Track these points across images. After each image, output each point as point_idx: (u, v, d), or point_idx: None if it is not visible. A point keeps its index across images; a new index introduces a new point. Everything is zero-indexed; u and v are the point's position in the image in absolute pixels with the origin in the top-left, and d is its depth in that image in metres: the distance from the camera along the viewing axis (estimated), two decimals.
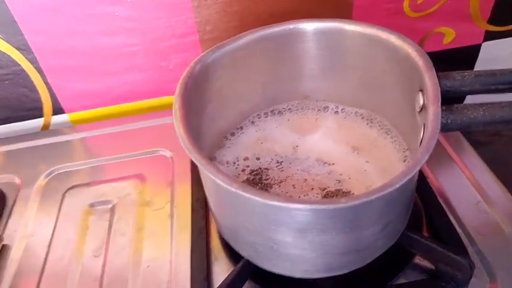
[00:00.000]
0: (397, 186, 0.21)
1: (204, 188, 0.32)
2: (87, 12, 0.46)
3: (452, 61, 0.58)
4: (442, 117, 0.25)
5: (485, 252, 0.35)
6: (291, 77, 0.39)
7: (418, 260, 0.35)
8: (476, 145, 0.65)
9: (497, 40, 0.57)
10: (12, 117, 0.54)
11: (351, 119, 0.39)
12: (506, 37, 0.57)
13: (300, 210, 0.23)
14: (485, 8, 0.53)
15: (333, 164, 0.35)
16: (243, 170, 0.36)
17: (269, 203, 0.22)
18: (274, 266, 0.30)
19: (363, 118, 0.39)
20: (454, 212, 0.38)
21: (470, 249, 0.35)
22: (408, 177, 0.22)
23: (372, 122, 0.38)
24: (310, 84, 0.40)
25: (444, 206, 0.38)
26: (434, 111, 0.25)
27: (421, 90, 0.28)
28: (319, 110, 0.41)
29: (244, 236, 0.30)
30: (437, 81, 0.27)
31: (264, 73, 0.38)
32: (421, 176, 0.40)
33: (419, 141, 0.27)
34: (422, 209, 0.38)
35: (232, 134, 0.39)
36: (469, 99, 0.31)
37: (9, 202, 0.45)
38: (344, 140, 0.37)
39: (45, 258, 0.39)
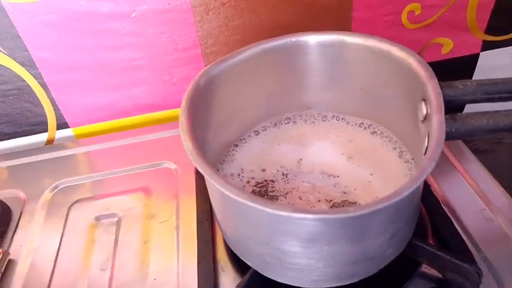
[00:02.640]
0: (405, 194, 0.22)
1: (211, 199, 0.33)
2: (91, 28, 0.47)
3: (450, 71, 0.59)
4: (446, 125, 0.25)
5: (492, 259, 0.35)
6: (294, 89, 0.39)
7: (425, 268, 0.35)
8: (478, 153, 0.65)
9: (495, 50, 0.58)
10: (17, 132, 0.55)
11: (354, 129, 0.39)
12: (504, 46, 0.58)
13: (309, 220, 0.23)
14: (482, 18, 0.54)
15: (338, 176, 0.35)
16: (248, 182, 0.36)
17: (277, 213, 0.22)
18: (283, 276, 0.30)
19: (365, 128, 0.39)
20: (459, 220, 0.38)
21: (477, 257, 0.35)
22: (415, 185, 0.22)
23: (375, 133, 0.39)
24: (313, 95, 0.40)
25: (449, 214, 0.38)
26: (438, 120, 0.25)
27: (424, 100, 0.29)
28: (323, 120, 0.41)
29: (252, 247, 0.30)
30: (440, 90, 0.27)
31: (268, 85, 0.39)
32: (425, 185, 0.41)
33: (424, 150, 0.27)
34: (427, 218, 0.38)
35: (236, 146, 0.40)
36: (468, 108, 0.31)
37: (15, 217, 0.45)
38: (347, 151, 0.38)
39: (52, 273, 0.39)
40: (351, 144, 0.38)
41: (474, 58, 0.58)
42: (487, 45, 0.57)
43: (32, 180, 0.49)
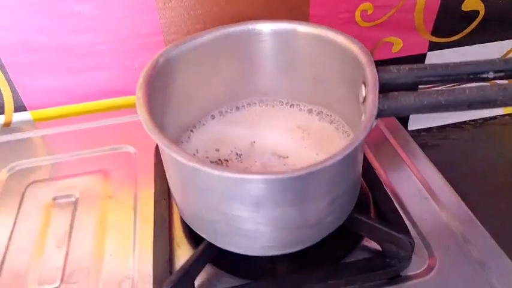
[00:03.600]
0: (339, 158, 0.24)
1: (166, 172, 0.34)
2: (53, 10, 0.47)
3: None
4: (378, 103, 0.28)
5: (425, 233, 0.38)
6: (251, 75, 0.42)
7: (366, 242, 0.38)
8: (425, 147, 0.70)
9: (441, 50, 0.63)
10: None
11: (304, 115, 0.42)
12: (449, 48, 0.63)
13: (252, 182, 0.25)
14: (428, 20, 0.59)
15: (287, 156, 0.38)
16: None
17: (223, 175, 0.24)
18: (232, 244, 0.32)
19: (315, 114, 0.42)
20: (398, 199, 0.42)
21: (412, 231, 0.38)
22: (348, 151, 0.25)
23: (323, 118, 0.41)
24: (269, 82, 0.43)
25: (389, 193, 0.42)
26: (372, 98, 0.28)
27: (364, 83, 0.32)
28: (278, 105, 0.43)
29: (204, 216, 0.32)
30: (376, 73, 0.30)
31: (225, 70, 0.40)
32: (369, 167, 0.44)
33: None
34: (370, 196, 0.41)
35: (194, 127, 0.41)
36: None
37: None
38: (297, 134, 0.40)
39: (6, 251, 0.39)
40: (300, 129, 0.41)
41: (422, 57, 0.63)
42: (434, 46, 0.62)
43: None
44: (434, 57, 0.63)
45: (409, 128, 0.70)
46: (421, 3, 0.57)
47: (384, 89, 0.30)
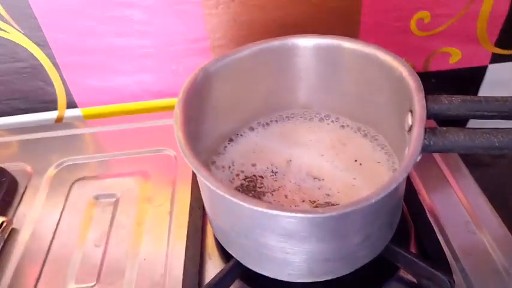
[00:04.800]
0: (373, 201, 0.23)
1: (200, 189, 0.34)
2: (105, 15, 0.49)
3: (458, 81, 0.59)
4: (425, 138, 0.26)
5: (469, 270, 0.36)
6: (291, 88, 0.41)
7: (403, 273, 0.36)
8: (479, 166, 0.65)
9: (504, 63, 0.58)
10: (28, 109, 0.57)
11: (347, 132, 0.40)
12: None
13: (281, 217, 0.25)
14: (492, 30, 0.54)
15: (323, 179, 0.36)
16: (238, 175, 0.38)
17: (254, 208, 0.24)
18: (261, 267, 0.32)
19: (359, 132, 0.40)
20: (442, 230, 0.39)
21: (453, 267, 0.36)
22: (383, 194, 0.23)
23: (367, 137, 0.40)
24: (310, 96, 0.41)
25: (433, 223, 0.39)
26: (418, 131, 0.26)
27: (411, 111, 0.30)
28: (319, 121, 0.42)
29: (234, 238, 0.32)
30: (425, 103, 0.28)
31: (266, 83, 0.40)
32: (413, 193, 0.41)
33: None
34: (412, 226, 0.39)
35: (231, 140, 0.41)
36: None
37: (21, 189, 0.47)
38: (339, 154, 0.39)
39: (50, 244, 0.42)
40: (339, 147, 0.39)
41: (482, 70, 0.58)
42: (496, 58, 0.57)
43: (39, 156, 0.51)
44: (497, 70, 0.58)
45: None
46: (486, 11, 0.52)
47: (434, 118, 0.28)
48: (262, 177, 0.38)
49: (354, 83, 0.38)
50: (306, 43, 0.36)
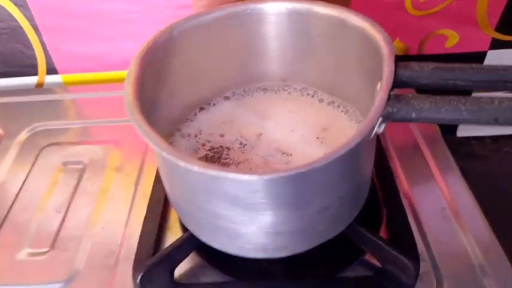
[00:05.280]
0: (318, 165, 0.21)
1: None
2: None
3: None
4: (388, 105, 0.24)
5: (438, 258, 0.33)
6: (266, 58, 0.38)
7: (369, 257, 0.34)
8: (471, 157, 0.62)
9: (504, 49, 0.54)
10: (8, 72, 0.56)
11: (323, 107, 0.38)
12: None
13: (222, 180, 0.23)
14: (493, 13, 0.51)
15: (291, 154, 0.34)
16: (203, 145, 0.36)
17: (202, 171, 0.22)
18: (214, 240, 0.30)
19: (335, 107, 0.38)
20: (416, 215, 0.37)
21: (423, 254, 0.34)
22: (333, 157, 0.21)
23: (344, 113, 0.37)
24: (288, 66, 0.39)
25: (407, 208, 0.37)
26: (381, 96, 0.24)
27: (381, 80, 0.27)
28: (295, 93, 0.40)
29: (186, 208, 0.30)
30: (393, 69, 0.26)
31: (238, 51, 0.37)
32: (389, 175, 0.39)
33: None
34: (384, 208, 0.37)
35: (203, 108, 0.39)
36: None
37: None
38: (312, 129, 0.36)
39: (10, 208, 0.40)
40: (314, 123, 0.37)
41: (481, 56, 0.55)
42: (496, 44, 0.54)
43: (13, 119, 0.50)
44: (496, 57, 0.55)
45: (458, 135, 0.62)
46: None
47: (405, 86, 0.26)
48: (229, 148, 0.36)
49: (329, 53, 0.35)
50: (277, 8, 0.34)
